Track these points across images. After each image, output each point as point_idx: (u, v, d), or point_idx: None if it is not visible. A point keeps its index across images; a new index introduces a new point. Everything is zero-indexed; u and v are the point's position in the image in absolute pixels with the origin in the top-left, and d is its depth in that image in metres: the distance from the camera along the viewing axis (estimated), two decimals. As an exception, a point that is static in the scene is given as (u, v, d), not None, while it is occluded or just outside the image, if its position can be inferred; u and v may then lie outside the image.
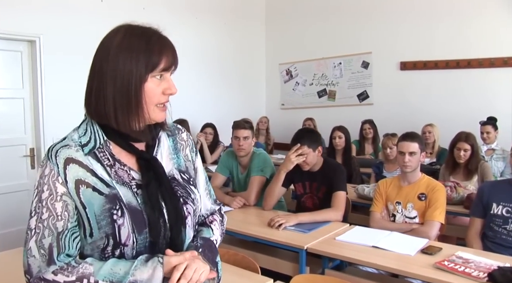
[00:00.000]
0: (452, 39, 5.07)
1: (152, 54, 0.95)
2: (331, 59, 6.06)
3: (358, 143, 5.09)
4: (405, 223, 2.54)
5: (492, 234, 2.35)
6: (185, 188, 1.07)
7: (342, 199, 2.66)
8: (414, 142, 2.55)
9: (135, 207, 0.96)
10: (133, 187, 0.98)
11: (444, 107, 5.14)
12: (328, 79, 6.13)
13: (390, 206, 2.63)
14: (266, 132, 5.98)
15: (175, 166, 1.09)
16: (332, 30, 5.98)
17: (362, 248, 2.13)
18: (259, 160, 3.09)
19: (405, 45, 5.39)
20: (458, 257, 1.96)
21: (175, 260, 0.93)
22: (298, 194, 2.94)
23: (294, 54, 6.38)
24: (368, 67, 5.77)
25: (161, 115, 1.00)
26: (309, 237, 2.29)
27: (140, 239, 0.96)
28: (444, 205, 2.48)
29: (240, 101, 6.27)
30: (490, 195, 2.40)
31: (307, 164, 2.75)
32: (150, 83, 0.96)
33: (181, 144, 1.14)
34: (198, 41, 5.57)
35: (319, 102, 6.24)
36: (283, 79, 6.62)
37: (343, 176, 2.77)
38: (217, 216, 1.22)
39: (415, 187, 2.57)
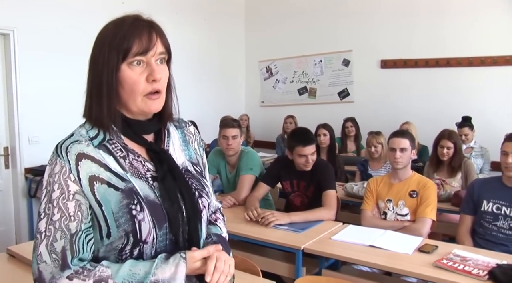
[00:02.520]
0: (432, 38, 5.15)
1: (122, 41, 0.89)
2: (311, 56, 6.06)
3: (340, 140, 5.10)
4: (397, 220, 2.54)
5: (483, 231, 2.39)
6: (199, 181, 1.04)
7: (334, 197, 2.66)
8: (404, 138, 2.57)
9: (153, 200, 0.91)
10: (149, 180, 0.94)
11: (424, 105, 5.22)
12: (309, 77, 6.13)
13: (381, 204, 2.63)
14: (246, 130, 5.89)
15: (187, 157, 1.06)
16: (313, 28, 5.98)
17: (359, 248, 2.11)
18: (247, 158, 3.05)
19: (385, 43, 5.45)
20: (455, 255, 1.97)
21: (198, 254, 0.90)
22: (286, 192, 2.92)
23: (274, 52, 6.35)
24: (348, 65, 5.80)
25: (153, 106, 0.94)
26: (304, 237, 2.25)
27: (160, 235, 0.91)
28: (435, 202, 2.50)
29: (220, 99, 6.21)
30: (480, 192, 2.43)
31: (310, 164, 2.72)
32: (126, 72, 0.90)
33: (190, 137, 1.11)
34: (178, 37, 5.37)
35: (300, 100, 6.23)
36: (263, 77, 6.58)
37: (332, 175, 2.76)
38: (219, 214, 1.21)
39: (406, 184, 2.57)
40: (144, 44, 0.90)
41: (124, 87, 0.91)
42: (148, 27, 0.92)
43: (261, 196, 2.88)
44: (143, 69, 0.91)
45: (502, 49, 4.77)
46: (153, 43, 0.91)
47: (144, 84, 0.91)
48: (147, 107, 0.93)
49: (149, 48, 0.91)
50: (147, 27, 0.92)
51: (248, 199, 2.82)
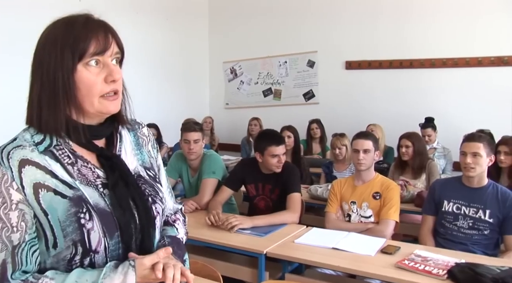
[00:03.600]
0: (395, 39, 5.29)
1: (77, 41, 0.88)
2: (276, 57, 6.10)
3: (306, 142, 5.14)
4: (361, 222, 2.58)
5: (444, 231, 2.46)
6: (152, 186, 1.03)
7: (298, 200, 2.67)
8: (368, 140, 2.61)
9: (103, 208, 0.91)
10: (99, 187, 0.93)
11: (389, 106, 5.36)
12: (274, 78, 6.17)
13: (345, 206, 2.66)
14: (210, 133, 5.89)
15: (140, 162, 1.05)
16: (278, 28, 6.02)
17: (322, 250, 2.12)
18: (210, 161, 3.02)
19: (350, 45, 5.55)
20: (416, 256, 2.02)
21: (148, 261, 0.88)
22: (250, 196, 2.91)
23: (238, 52, 6.35)
24: (313, 66, 5.87)
25: (111, 106, 0.93)
26: (266, 241, 2.25)
27: (112, 244, 0.91)
28: (398, 204, 2.56)
29: (183, 101, 6.16)
30: (441, 193, 2.50)
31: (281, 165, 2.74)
32: (83, 73, 0.89)
33: (143, 139, 1.10)
34: (138, 37, 5.36)
35: (265, 102, 6.26)
36: (227, 78, 6.58)
37: (297, 177, 2.79)
38: (179, 215, 1.21)
39: (370, 186, 2.62)
40: (102, 44, 0.89)
41: (80, 88, 0.89)
42: (103, 27, 0.92)
43: (224, 200, 2.86)
44: (100, 70, 0.90)
45: (462, 51, 4.96)
46: (110, 43, 0.91)
47: (102, 85, 0.90)
48: (105, 108, 0.92)
49: (107, 48, 0.90)
50: (102, 27, 0.92)
51: (211, 203, 2.80)
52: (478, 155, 2.33)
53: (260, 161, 2.77)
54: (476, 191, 2.39)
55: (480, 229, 2.35)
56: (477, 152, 2.33)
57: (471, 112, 4.91)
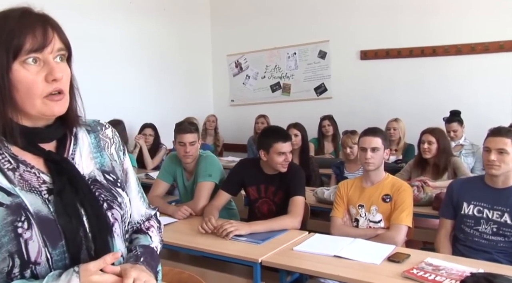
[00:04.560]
0: (416, 25, 5.20)
1: (11, 37, 0.87)
2: (284, 49, 6.08)
3: (317, 141, 5.13)
4: (370, 228, 2.55)
5: (464, 237, 2.40)
6: (109, 191, 1.04)
7: (300, 204, 2.66)
8: (376, 137, 2.58)
9: (45, 216, 0.91)
10: (43, 193, 0.93)
11: (409, 99, 5.29)
12: (282, 72, 6.16)
13: (352, 210, 2.64)
14: (214, 133, 5.94)
15: (98, 166, 1.06)
16: (286, 17, 5.99)
17: (323, 259, 2.11)
18: (206, 163, 3.03)
19: (365, 32, 5.50)
20: (427, 264, 1.98)
21: (93, 266, 0.88)
22: (252, 199, 2.92)
23: (243, 44, 6.35)
24: (325, 57, 5.84)
25: (56, 107, 0.93)
26: (263, 248, 2.25)
27: (56, 255, 0.90)
28: (411, 207, 2.52)
29: (184, 98, 6.20)
30: (460, 194, 2.45)
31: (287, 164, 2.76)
32: (21, 72, 0.89)
33: (105, 141, 1.11)
34: (134, 29, 5.42)
35: (273, 97, 6.26)
36: (232, 73, 6.60)
37: (302, 180, 2.78)
38: (154, 222, 1.22)
39: (379, 187, 2.59)
40: (39, 39, 0.89)
41: (18, 89, 0.89)
42: (41, 21, 0.91)
43: (221, 205, 2.87)
44: (40, 68, 0.90)
45: (494, 34, 4.82)
46: (49, 38, 0.90)
47: (43, 84, 0.90)
48: (49, 110, 0.92)
49: (45, 44, 0.90)
50: (40, 21, 0.91)
51: (206, 209, 2.81)
52: (505, 151, 2.27)
53: (265, 159, 2.77)
54: (501, 192, 2.33)
55: (507, 235, 2.28)
56: (503, 148, 2.27)
57: (504, 105, 4.79)
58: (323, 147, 5.09)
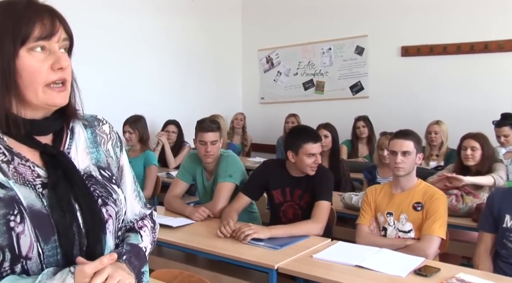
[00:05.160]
0: (465, 17, 5.07)
1: (19, 24, 0.92)
2: (319, 44, 6.04)
3: (351, 143, 5.10)
4: (398, 237, 2.53)
5: (506, 253, 2.33)
6: (105, 187, 1.07)
7: (325, 209, 2.67)
8: (408, 140, 2.55)
9: (39, 210, 0.94)
10: (37, 187, 0.96)
11: (454, 100, 5.18)
12: (316, 68, 6.12)
13: (380, 218, 2.62)
14: (242, 132, 5.96)
15: (93, 161, 1.09)
16: (321, 10, 5.97)
17: (343, 268, 2.10)
18: (227, 163, 3.07)
19: (407, 27, 5.41)
20: (459, 280, 1.94)
21: (89, 268, 0.90)
22: (276, 203, 2.92)
23: (275, 39, 6.34)
24: (363, 54, 5.78)
25: (58, 98, 0.97)
26: (281, 254, 2.26)
27: (47, 250, 0.93)
28: (444, 217, 2.47)
29: (211, 95, 6.24)
30: (501, 205, 2.38)
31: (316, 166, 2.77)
32: (27, 59, 0.93)
33: (102, 137, 1.15)
34: (158, 23, 5.51)
35: (305, 96, 6.23)
36: (262, 69, 6.61)
37: (329, 184, 2.79)
38: (147, 222, 1.24)
39: (410, 194, 2.55)
40: (48, 27, 0.94)
41: (22, 76, 0.93)
42: (48, 11, 0.96)
43: (240, 208, 2.89)
44: (46, 56, 0.95)
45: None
46: (57, 27, 0.95)
47: (48, 72, 0.94)
48: (51, 99, 0.96)
49: (53, 32, 0.94)
50: (47, 11, 0.96)
51: (225, 211, 2.83)
52: None
53: (293, 161, 2.78)
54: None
55: (555, 252, 2.21)
56: None
57: None
58: (357, 150, 5.05)
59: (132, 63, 5.25)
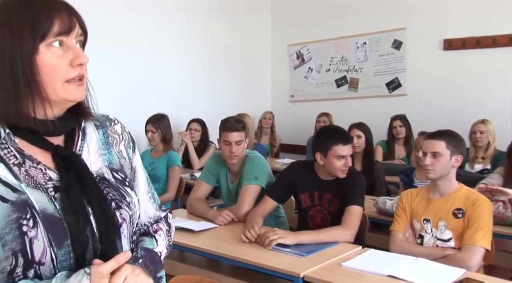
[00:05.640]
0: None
1: (38, 19, 0.94)
2: (353, 38, 6.02)
3: (386, 144, 5.06)
4: (437, 247, 2.48)
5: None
6: (118, 190, 1.09)
7: (356, 215, 2.64)
8: (439, 140, 2.50)
9: (52, 214, 0.96)
10: (49, 190, 0.98)
11: (503, 97, 5.07)
12: (349, 64, 6.10)
13: (416, 224, 2.57)
14: (270, 131, 5.99)
15: (106, 163, 1.11)
16: (355, 2, 5.96)
17: (375, 278, 2.08)
18: (252, 164, 3.07)
19: (450, 18, 5.32)
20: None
21: (106, 268, 0.92)
22: (304, 207, 2.91)
23: (306, 33, 6.33)
24: (400, 48, 5.72)
25: (77, 92, 1.00)
26: (307, 262, 2.25)
27: (61, 255, 0.95)
28: (489, 225, 2.40)
29: (238, 93, 6.28)
30: None
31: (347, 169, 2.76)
32: (46, 55, 0.95)
33: (114, 138, 1.17)
34: (182, 17, 5.57)
35: (338, 93, 6.22)
36: (292, 65, 6.60)
37: (361, 187, 2.77)
38: (162, 225, 1.25)
39: (450, 200, 2.49)
40: (66, 23, 0.96)
41: (43, 73, 0.95)
42: (65, 6, 0.99)
43: (266, 212, 2.88)
44: (64, 52, 0.97)
45: None
46: (74, 23, 0.98)
47: (67, 69, 0.97)
48: (70, 94, 0.99)
49: (72, 28, 0.97)
50: (64, 6, 0.99)
51: (249, 215, 2.83)
52: None
53: (321, 163, 2.77)
54: None
55: None
56: None
57: None
58: (393, 151, 5.00)
59: (156, 60, 5.31)
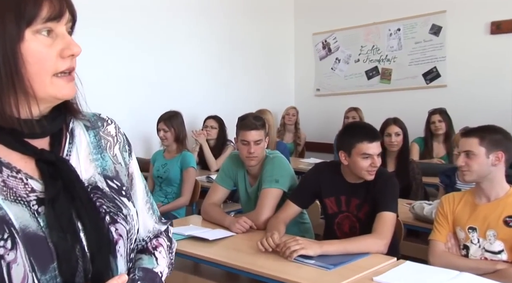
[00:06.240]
0: None
1: (24, 1, 0.89)
2: (385, 24, 6.00)
3: (423, 141, 4.98)
4: (485, 259, 2.38)
5: None
6: (113, 201, 1.04)
7: (389, 222, 2.57)
8: (472, 137, 2.41)
9: (34, 232, 0.90)
10: (32, 204, 0.92)
11: None
12: (381, 53, 6.09)
13: (460, 233, 2.47)
14: (294, 128, 6.00)
15: (99, 170, 1.06)
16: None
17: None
18: (273, 166, 3.04)
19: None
20: None
21: None
22: (330, 213, 2.87)
23: (333, 20, 6.34)
24: (439, 34, 5.65)
25: (67, 88, 0.95)
26: (334, 276, 2.18)
27: (45, 280, 0.90)
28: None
29: (259, 87, 6.32)
30: None
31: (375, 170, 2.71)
32: (33, 43, 0.90)
33: (107, 140, 1.12)
34: (196, 5, 5.59)
35: (368, 86, 6.21)
36: (318, 55, 6.61)
37: (394, 191, 2.71)
38: (163, 240, 1.22)
39: (500, 206, 2.38)
40: (57, 7, 0.91)
41: (29, 64, 0.90)
42: None
43: (288, 218, 2.84)
44: (53, 41, 0.92)
45: None
46: (65, 7, 0.94)
47: (57, 60, 0.92)
48: (59, 91, 0.93)
49: (63, 13, 0.93)
50: None
51: (270, 222, 2.80)
52: None
53: (346, 163, 2.73)
54: None
55: None
56: None
57: None
58: (431, 149, 4.92)
59: (168, 53, 5.34)
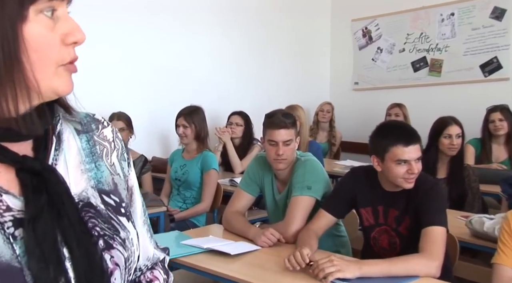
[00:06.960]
0: None
1: None
2: (436, 8, 5.92)
3: (480, 143, 4.85)
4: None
5: None
6: (109, 221, 0.98)
7: (440, 239, 2.46)
8: None
9: (7, 263, 0.83)
10: (6, 226, 0.85)
11: None
12: (431, 42, 6.02)
13: (531, 257, 2.36)
14: (329, 127, 5.99)
15: (92, 182, 1.00)
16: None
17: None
18: (304, 170, 2.98)
19: None
20: None
21: None
22: (366, 226, 2.82)
23: (375, 4, 6.33)
24: (503, 18, 5.52)
25: (70, 82, 0.89)
26: (377, 305, 2.13)
27: None
28: None
29: (290, 80, 6.36)
30: None
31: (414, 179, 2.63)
32: (36, 25, 0.83)
33: (103, 146, 1.05)
34: None
35: (415, 79, 6.17)
36: (357, 45, 6.61)
37: (440, 202, 2.62)
38: (159, 273, 1.16)
39: None
40: None
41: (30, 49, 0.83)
42: None
43: (321, 230, 2.79)
44: (54, 24, 0.86)
45: None
46: None
47: (61, 47, 0.86)
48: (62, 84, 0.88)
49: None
50: None
51: (301, 235, 2.75)
52: None
53: (379, 169, 2.65)
54: None
55: None
56: None
57: None
58: (490, 153, 4.82)
59: (191, 42, 5.40)
